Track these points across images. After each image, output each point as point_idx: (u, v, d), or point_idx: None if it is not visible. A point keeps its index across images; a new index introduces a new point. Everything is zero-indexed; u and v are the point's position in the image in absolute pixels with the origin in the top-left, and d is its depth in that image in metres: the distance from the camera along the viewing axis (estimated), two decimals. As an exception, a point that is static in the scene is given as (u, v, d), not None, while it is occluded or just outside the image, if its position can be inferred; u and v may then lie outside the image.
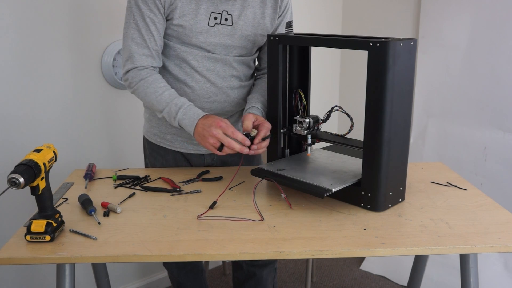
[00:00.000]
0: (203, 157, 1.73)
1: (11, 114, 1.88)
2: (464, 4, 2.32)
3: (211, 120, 1.42)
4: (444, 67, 2.45)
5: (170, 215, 1.34)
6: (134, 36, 1.52)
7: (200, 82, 1.59)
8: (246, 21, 1.57)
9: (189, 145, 1.69)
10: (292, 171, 1.46)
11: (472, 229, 1.24)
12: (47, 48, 1.92)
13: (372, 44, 1.25)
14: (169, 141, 1.69)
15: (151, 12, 1.50)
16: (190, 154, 1.72)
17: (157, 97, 1.51)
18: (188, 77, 1.59)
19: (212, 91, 1.61)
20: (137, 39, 1.52)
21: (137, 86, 1.54)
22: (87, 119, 2.10)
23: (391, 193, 1.36)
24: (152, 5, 1.49)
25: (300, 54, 1.58)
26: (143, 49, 1.52)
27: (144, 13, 1.50)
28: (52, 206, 1.22)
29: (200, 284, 1.91)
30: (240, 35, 1.57)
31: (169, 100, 1.50)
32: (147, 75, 1.53)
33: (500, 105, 2.25)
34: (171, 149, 1.71)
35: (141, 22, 1.51)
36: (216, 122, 1.41)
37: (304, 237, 1.21)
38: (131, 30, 1.52)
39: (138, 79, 1.53)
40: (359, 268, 2.68)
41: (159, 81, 1.53)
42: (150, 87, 1.52)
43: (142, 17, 1.50)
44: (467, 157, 2.40)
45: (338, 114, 1.55)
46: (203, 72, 1.58)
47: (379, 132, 1.29)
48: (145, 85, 1.52)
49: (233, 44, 1.58)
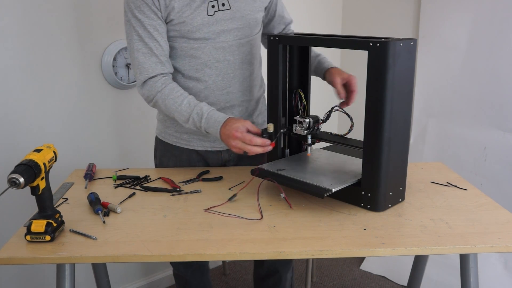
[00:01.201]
0: (220, 153, 1.73)
1: (11, 114, 1.88)
2: (464, 4, 2.32)
3: (229, 131, 1.43)
4: (444, 67, 2.45)
5: (170, 215, 1.34)
6: (139, 47, 1.52)
7: (212, 76, 1.59)
8: (242, 0, 1.58)
9: (206, 143, 1.69)
10: (292, 171, 1.46)
11: (472, 229, 1.24)
12: (47, 48, 1.92)
13: (372, 44, 1.25)
14: (186, 140, 1.70)
15: (150, 19, 1.50)
16: (207, 152, 1.72)
17: (177, 108, 1.51)
18: (199, 73, 1.59)
19: (225, 83, 1.61)
20: (143, 49, 1.52)
21: (155, 100, 1.54)
22: (87, 119, 2.10)
23: (391, 193, 1.36)
24: (149, 11, 1.49)
25: (300, 54, 1.58)
26: (151, 58, 1.52)
27: (144, 22, 1.50)
28: (52, 206, 1.22)
29: (205, 283, 1.92)
30: (240, 16, 1.57)
31: (190, 110, 1.50)
32: (162, 86, 1.53)
33: (500, 105, 2.25)
34: (187, 148, 1.71)
35: (143, 31, 1.50)
36: (232, 134, 1.42)
37: (304, 237, 1.21)
38: (135, 42, 1.52)
39: (154, 92, 1.53)
40: (359, 268, 2.68)
41: (175, 90, 1.53)
42: (168, 98, 1.52)
43: (142, 27, 1.50)
44: (467, 157, 2.40)
45: (338, 114, 1.55)
46: (214, 64, 1.58)
47: (379, 132, 1.29)
48: (162, 97, 1.52)
49: (236, 27, 1.58)
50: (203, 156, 1.73)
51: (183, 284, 1.89)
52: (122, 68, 2.12)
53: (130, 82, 2.15)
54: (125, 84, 2.13)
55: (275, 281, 1.88)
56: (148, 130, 2.30)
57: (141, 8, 1.49)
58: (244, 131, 1.42)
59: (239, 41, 1.60)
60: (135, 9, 1.49)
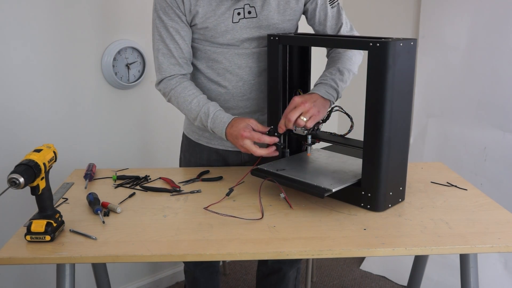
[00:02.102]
0: (241, 154, 1.73)
1: (11, 114, 1.88)
2: (464, 4, 2.32)
3: (236, 132, 1.44)
4: (444, 67, 2.45)
5: (170, 215, 1.34)
6: (159, 47, 1.55)
7: (232, 81, 1.59)
8: (270, 10, 1.53)
9: (226, 142, 1.68)
10: (292, 171, 1.46)
11: (472, 229, 1.24)
12: (47, 48, 1.92)
13: (372, 44, 1.25)
14: (207, 138, 1.70)
15: (173, 22, 1.52)
16: (228, 152, 1.72)
17: (187, 106, 1.54)
18: (220, 77, 1.60)
19: (246, 89, 1.61)
20: (163, 49, 1.55)
21: (169, 96, 1.58)
22: (87, 119, 2.10)
23: (391, 193, 1.36)
24: (173, 14, 1.51)
25: (300, 54, 1.58)
26: (170, 59, 1.55)
27: (167, 24, 1.52)
28: (52, 206, 1.22)
29: (213, 283, 1.91)
30: (266, 25, 1.54)
31: (198, 109, 1.53)
32: (176, 84, 1.56)
33: (500, 105, 2.25)
34: (208, 146, 1.71)
35: (165, 32, 1.53)
36: (240, 134, 1.42)
37: (304, 237, 1.21)
38: (157, 41, 1.56)
39: (168, 89, 1.57)
40: (359, 268, 2.68)
41: (187, 89, 1.55)
42: (180, 96, 1.55)
43: (165, 28, 1.52)
44: (467, 157, 2.40)
45: (338, 114, 1.55)
46: (235, 70, 1.58)
47: (379, 132, 1.29)
48: (175, 95, 1.56)
49: (261, 35, 1.56)
50: (223, 156, 1.73)
51: (191, 281, 1.89)
52: (122, 68, 2.12)
53: (130, 82, 2.16)
54: (125, 84, 2.13)
55: (278, 278, 1.87)
56: (148, 130, 2.30)
57: (166, 10, 1.51)
58: (251, 129, 1.44)
59: (263, 48, 1.58)
60: (160, 10, 1.52)
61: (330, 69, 1.56)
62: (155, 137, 2.33)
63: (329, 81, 1.50)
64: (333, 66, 1.56)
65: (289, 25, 1.59)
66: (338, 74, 1.53)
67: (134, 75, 2.17)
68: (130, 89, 2.19)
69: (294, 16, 1.58)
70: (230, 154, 1.73)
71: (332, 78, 1.51)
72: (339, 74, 1.53)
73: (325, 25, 1.62)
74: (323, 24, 1.62)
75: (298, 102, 1.40)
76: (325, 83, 1.50)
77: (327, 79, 1.51)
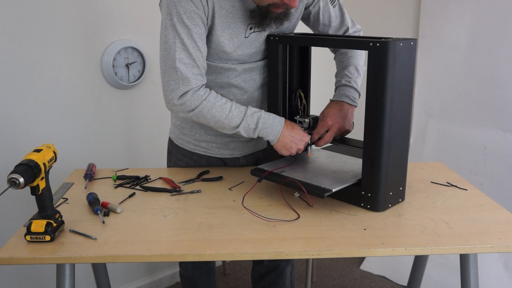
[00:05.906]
0: (239, 160, 1.73)
1: (11, 114, 1.88)
2: (464, 4, 2.32)
3: (297, 139, 1.46)
4: (444, 67, 2.45)
5: (170, 215, 1.34)
6: (181, 57, 1.39)
7: (237, 95, 1.57)
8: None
9: (225, 151, 1.68)
10: (292, 171, 1.46)
11: (472, 229, 1.24)
12: (47, 48, 1.92)
13: (372, 44, 1.25)
14: (204, 148, 1.68)
15: (197, 27, 1.39)
16: (226, 158, 1.72)
17: (227, 114, 1.43)
18: (224, 91, 1.56)
19: (248, 101, 1.59)
20: (185, 59, 1.40)
21: (199, 109, 1.43)
22: (87, 119, 2.10)
23: (391, 193, 1.36)
24: (198, 18, 1.38)
25: (300, 54, 1.58)
26: (194, 69, 1.41)
27: (191, 29, 1.38)
28: (52, 206, 1.22)
29: (211, 285, 1.91)
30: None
31: (241, 114, 1.44)
32: (205, 94, 1.43)
33: (500, 105, 2.25)
34: (206, 154, 1.70)
35: (188, 39, 1.39)
36: (304, 138, 1.47)
37: (304, 237, 1.21)
38: (178, 51, 1.39)
39: (199, 101, 1.42)
40: (359, 268, 2.68)
41: (218, 97, 1.45)
42: (216, 106, 1.43)
43: (189, 34, 1.38)
44: (467, 157, 2.40)
45: (338, 114, 1.55)
46: (240, 84, 1.55)
47: (379, 132, 1.29)
48: (208, 105, 1.42)
49: (266, 47, 1.56)
50: (222, 159, 1.73)
51: (190, 285, 1.89)
52: (121, 68, 2.12)
53: (130, 82, 2.15)
54: (125, 84, 2.13)
55: (276, 276, 1.88)
56: (148, 130, 2.30)
57: (191, 14, 1.37)
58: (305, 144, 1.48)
59: (266, 60, 1.58)
60: (183, 14, 1.37)
61: (349, 67, 1.58)
62: (155, 137, 2.33)
63: (352, 83, 1.55)
64: (350, 65, 1.59)
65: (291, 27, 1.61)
66: (356, 73, 1.57)
67: (134, 75, 2.17)
68: (129, 89, 2.19)
69: (298, 19, 1.60)
70: (228, 160, 1.72)
71: (354, 80, 1.55)
72: (357, 73, 1.57)
73: (329, 27, 1.63)
74: (327, 26, 1.62)
75: (330, 124, 1.48)
76: (349, 86, 1.54)
77: (351, 81, 1.55)
